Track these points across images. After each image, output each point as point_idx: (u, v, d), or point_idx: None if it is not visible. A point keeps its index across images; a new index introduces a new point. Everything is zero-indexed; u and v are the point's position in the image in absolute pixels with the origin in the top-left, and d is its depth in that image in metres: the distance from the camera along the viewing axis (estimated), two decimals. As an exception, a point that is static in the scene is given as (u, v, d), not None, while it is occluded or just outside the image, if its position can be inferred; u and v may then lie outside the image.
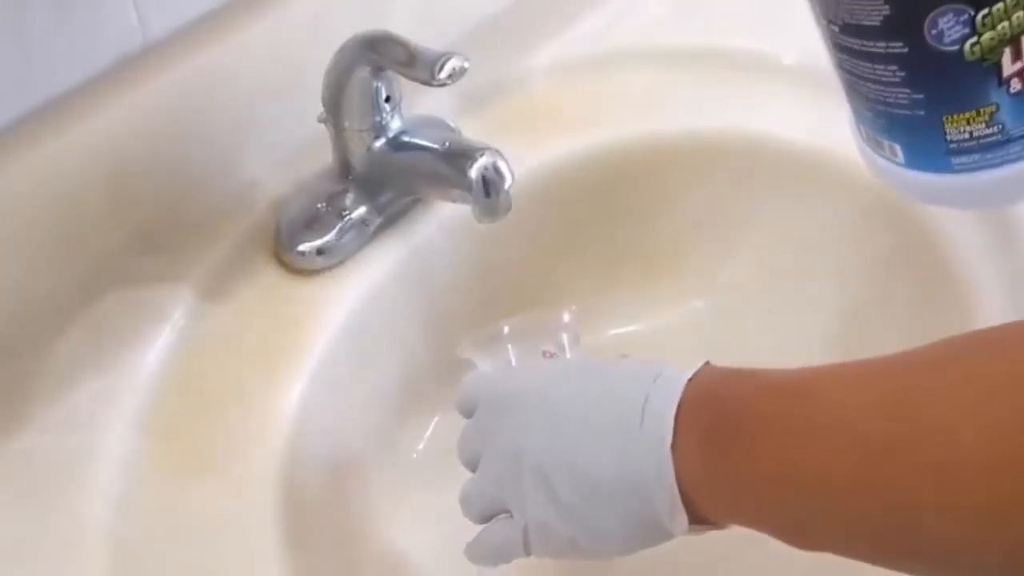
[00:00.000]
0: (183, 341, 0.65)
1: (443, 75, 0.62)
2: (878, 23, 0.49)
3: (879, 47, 0.49)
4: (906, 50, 0.48)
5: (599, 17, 0.87)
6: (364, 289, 0.69)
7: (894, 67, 0.50)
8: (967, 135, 0.49)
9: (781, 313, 0.79)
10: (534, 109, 0.80)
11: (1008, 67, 0.47)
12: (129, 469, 0.59)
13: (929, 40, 0.47)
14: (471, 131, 0.74)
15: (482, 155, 0.66)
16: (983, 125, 0.49)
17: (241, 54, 0.69)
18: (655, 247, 0.81)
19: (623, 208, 0.79)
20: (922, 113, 0.50)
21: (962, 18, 0.47)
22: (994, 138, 0.49)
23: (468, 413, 0.56)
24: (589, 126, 0.79)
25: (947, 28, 0.47)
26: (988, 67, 0.47)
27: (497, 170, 0.66)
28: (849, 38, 0.51)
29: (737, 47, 0.81)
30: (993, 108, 0.48)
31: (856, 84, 0.52)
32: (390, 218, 0.72)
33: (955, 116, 0.49)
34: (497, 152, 0.66)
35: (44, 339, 0.63)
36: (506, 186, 0.66)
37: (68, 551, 0.55)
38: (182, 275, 0.67)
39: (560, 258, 0.79)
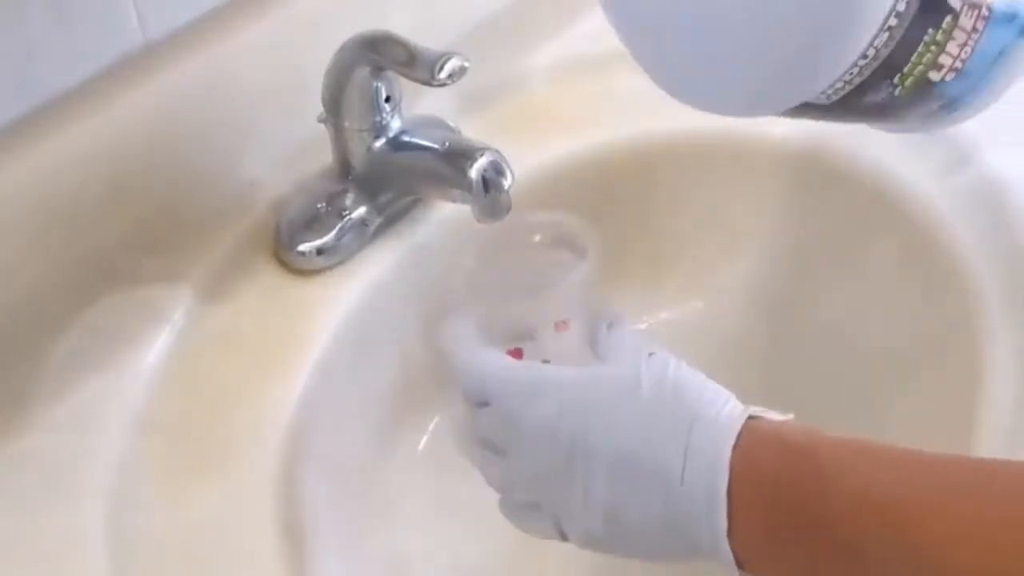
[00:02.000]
0: (183, 341, 0.65)
1: (443, 75, 0.62)
2: (813, 118, 0.50)
3: (822, 119, 0.51)
4: (847, 116, 0.50)
5: (599, 17, 0.85)
6: (364, 289, 0.69)
7: (843, 119, 0.51)
8: (926, 114, 0.50)
9: (781, 312, 0.79)
10: (534, 109, 0.80)
11: (936, 76, 0.48)
12: (129, 469, 0.59)
13: (862, 107, 0.49)
14: (471, 131, 0.74)
15: (482, 155, 0.66)
16: (935, 105, 0.50)
17: (241, 54, 0.69)
18: (655, 247, 0.81)
19: (623, 208, 0.79)
20: (879, 122, 0.53)
21: (882, 88, 0.48)
22: (948, 103, 0.50)
23: (478, 401, 0.54)
24: (589, 126, 0.79)
25: (873, 98, 0.48)
26: (921, 86, 0.48)
27: (497, 170, 0.66)
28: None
29: (737, 47, 0.81)
30: (938, 96, 0.49)
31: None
32: (390, 218, 0.72)
33: (909, 114, 0.51)
34: (497, 152, 0.66)
35: (44, 339, 0.63)
36: (506, 186, 0.66)
37: (68, 551, 0.55)
38: (182, 275, 0.67)
39: (560, 258, 0.79)
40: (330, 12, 0.72)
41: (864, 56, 0.46)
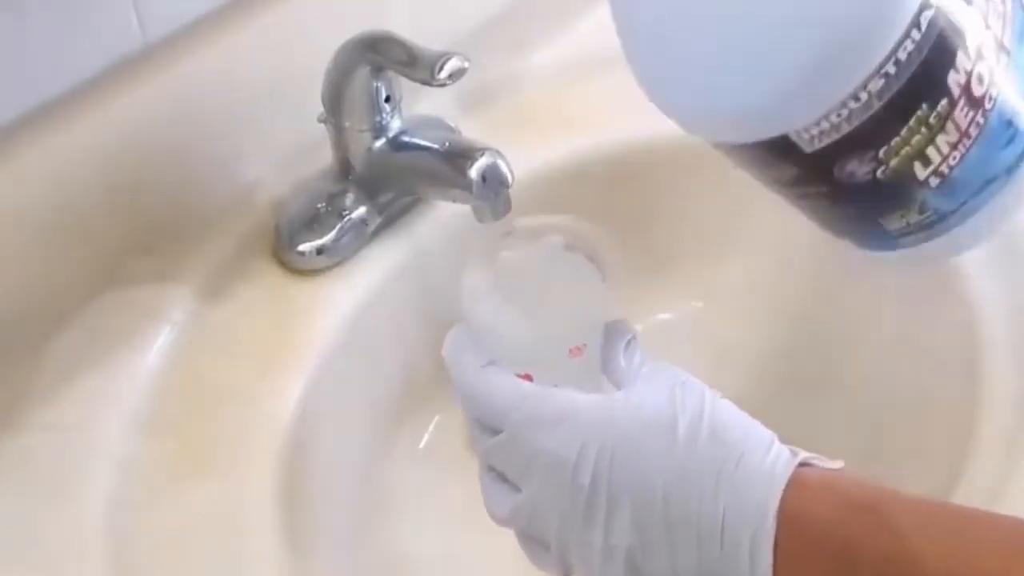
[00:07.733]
0: (183, 341, 0.65)
1: (443, 75, 0.62)
2: (792, 176, 0.51)
3: (799, 190, 0.53)
4: (826, 188, 0.51)
5: (599, 17, 0.86)
6: (364, 289, 0.69)
7: (820, 200, 0.53)
8: (905, 223, 0.53)
9: (780, 313, 0.79)
10: (534, 109, 0.80)
11: (922, 172, 0.50)
12: (129, 469, 0.59)
13: (844, 179, 0.50)
14: (471, 131, 0.74)
15: (482, 155, 0.66)
16: (916, 214, 0.52)
17: (241, 54, 0.69)
18: (654, 247, 0.81)
19: (623, 208, 0.79)
20: (858, 220, 0.54)
21: (867, 156, 0.49)
22: (929, 219, 0.52)
23: (493, 427, 0.49)
24: (589, 126, 0.79)
25: (856, 168, 0.49)
26: (904, 178, 0.50)
27: (497, 170, 0.66)
28: (772, 185, 0.54)
29: (737, 47, 0.81)
30: (920, 202, 0.51)
31: (794, 205, 0.56)
32: (390, 218, 0.72)
33: (889, 216, 0.53)
34: (497, 152, 0.66)
35: (44, 339, 0.63)
36: (506, 186, 0.66)
37: (68, 551, 0.55)
38: (182, 275, 0.67)
39: (560, 258, 0.79)
40: (330, 12, 0.72)
41: (856, 98, 0.47)
